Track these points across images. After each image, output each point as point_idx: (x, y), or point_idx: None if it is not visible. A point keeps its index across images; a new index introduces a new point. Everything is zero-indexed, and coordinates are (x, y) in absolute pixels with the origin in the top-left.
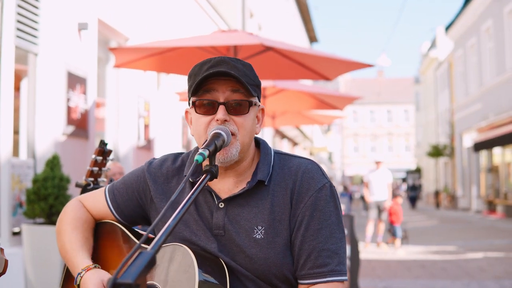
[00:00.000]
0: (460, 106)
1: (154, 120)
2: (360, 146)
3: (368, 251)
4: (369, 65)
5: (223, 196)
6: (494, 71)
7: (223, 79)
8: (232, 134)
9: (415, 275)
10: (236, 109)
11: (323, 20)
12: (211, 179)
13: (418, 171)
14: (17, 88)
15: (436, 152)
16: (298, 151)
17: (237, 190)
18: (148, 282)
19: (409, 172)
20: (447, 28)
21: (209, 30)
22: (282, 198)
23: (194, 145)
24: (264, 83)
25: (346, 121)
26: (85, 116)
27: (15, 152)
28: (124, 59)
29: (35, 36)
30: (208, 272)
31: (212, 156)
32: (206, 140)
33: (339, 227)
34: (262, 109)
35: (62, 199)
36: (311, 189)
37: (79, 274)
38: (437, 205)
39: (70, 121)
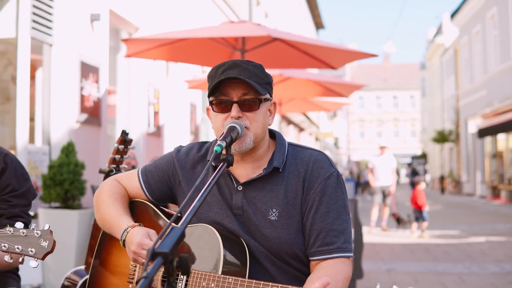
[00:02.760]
0: (465, 93)
1: (164, 107)
2: (366, 131)
3: (372, 235)
4: (374, 55)
5: (242, 180)
6: (498, 59)
7: (236, 82)
8: (246, 128)
9: (418, 258)
10: (247, 106)
11: (329, 7)
12: (227, 167)
13: (423, 156)
14: (32, 78)
15: (441, 137)
16: (304, 137)
17: (254, 175)
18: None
19: (414, 158)
20: (453, 15)
21: (216, 18)
22: (295, 184)
23: (202, 131)
24: (271, 72)
25: (352, 106)
26: (97, 104)
27: (31, 139)
28: (136, 49)
29: (49, 28)
30: (231, 250)
31: (228, 146)
32: (223, 133)
33: (345, 210)
34: (274, 103)
35: (77, 184)
36: (321, 177)
37: (125, 230)
38: (442, 190)
39: (83, 109)
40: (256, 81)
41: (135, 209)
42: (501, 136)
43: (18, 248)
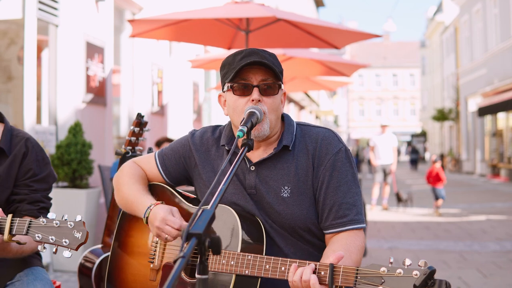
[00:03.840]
0: (465, 71)
1: (167, 87)
2: (366, 109)
3: (374, 213)
4: (377, 36)
5: (254, 160)
6: (499, 37)
7: (256, 68)
8: (263, 113)
9: (419, 236)
10: (267, 91)
11: None
12: (248, 151)
13: (423, 134)
14: (38, 58)
15: (441, 116)
16: (304, 115)
17: (265, 155)
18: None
19: (414, 136)
20: None
21: None
22: (305, 162)
23: (204, 110)
24: (275, 51)
25: (351, 85)
26: (103, 84)
27: (38, 119)
28: (140, 29)
29: (55, 8)
30: (248, 229)
31: (249, 131)
32: (244, 118)
33: (355, 184)
34: (284, 93)
35: (84, 164)
36: (329, 153)
37: (148, 207)
38: (442, 168)
39: (89, 89)
40: (273, 68)
41: (154, 192)
42: (501, 115)
43: (52, 239)
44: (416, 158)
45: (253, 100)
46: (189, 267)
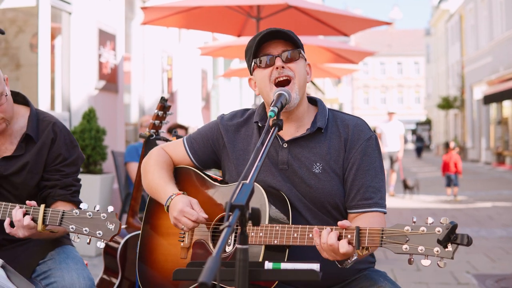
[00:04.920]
0: (470, 59)
1: (177, 74)
2: (371, 97)
3: None
4: (387, 23)
5: (286, 138)
6: (504, 25)
7: (275, 42)
8: (290, 80)
9: None
10: (289, 58)
11: None
12: (278, 130)
13: (428, 122)
14: (52, 46)
15: (446, 104)
16: None
17: (298, 134)
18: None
19: (419, 124)
20: None
21: None
22: (337, 144)
23: (213, 97)
24: None
25: (356, 73)
26: (114, 71)
27: (52, 105)
28: (152, 17)
29: None
30: (275, 203)
31: (279, 112)
32: (273, 100)
33: (381, 170)
34: (309, 64)
35: (98, 149)
36: (361, 139)
37: (170, 197)
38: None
39: (101, 76)
40: (291, 39)
41: (180, 174)
42: (506, 103)
43: (85, 230)
44: (421, 146)
45: (277, 68)
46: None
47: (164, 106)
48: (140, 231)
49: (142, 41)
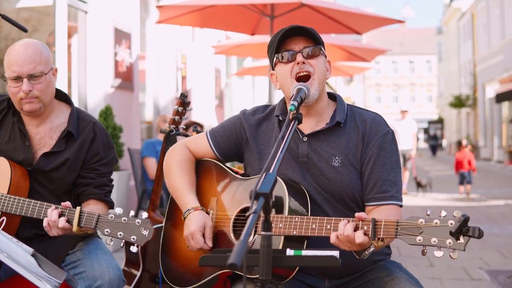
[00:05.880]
0: (482, 57)
1: (190, 72)
2: (383, 96)
3: None
4: (399, 21)
5: (306, 132)
6: None
7: (297, 38)
8: (310, 76)
9: None
10: (310, 54)
11: None
12: (298, 124)
13: (440, 121)
14: (68, 44)
15: (458, 102)
16: None
17: (317, 128)
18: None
19: (431, 122)
20: None
21: None
22: (355, 138)
23: (226, 95)
24: None
25: (368, 71)
26: (130, 69)
27: None
28: (167, 15)
29: None
30: (294, 196)
31: (298, 106)
32: (293, 94)
33: (397, 164)
34: (329, 61)
35: (115, 147)
36: (379, 134)
37: (188, 210)
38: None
39: (117, 74)
40: (312, 35)
41: (202, 167)
42: None
43: (120, 235)
44: (435, 145)
45: (298, 63)
46: (238, 230)
47: (184, 102)
48: (160, 225)
49: (157, 40)
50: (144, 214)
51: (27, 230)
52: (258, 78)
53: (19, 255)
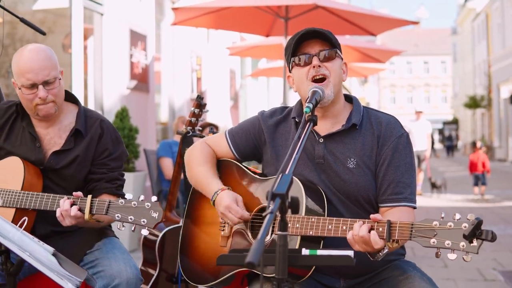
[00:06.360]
0: (497, 58)
1: (205, 73)
2: (397, 97)
3: None
4: (414, 22)
5: (322, 134)
6: None
7: (313, 41)
8: (326, 78)
9: None
10: (325, 57)
11: None
12: (313, 126)
13: (455, 122)
14: (84, 46)
15: (473, 103)
16: None
17: (334, 129)
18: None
19: (446, 123)
20: None
21: None
22: (370, 140)
23: (241, 96)
24: None
25: (383, 72)
26: (145, 71)
27: (85, 105)
28: (182, 18)
29: None
30: (311, 196)
31: (313, 108)
32: (308, 97)
33: (412, 167)
34: (345, 63)
35: (131, 148)
36: (393, 136)
37: (215, 192)
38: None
39: (133, 75)
40: (329, 39)
41: (222, 167)
42: None
43: (130, 219)
44: (451, 145)
45: (314, 67)
46: (256, 230)
47: (200, 104)
48: (177, 225)
49: (172, 42)
50: (153, 198)
51: (43, 227)
52: (272, 79)
53: (41, 254)
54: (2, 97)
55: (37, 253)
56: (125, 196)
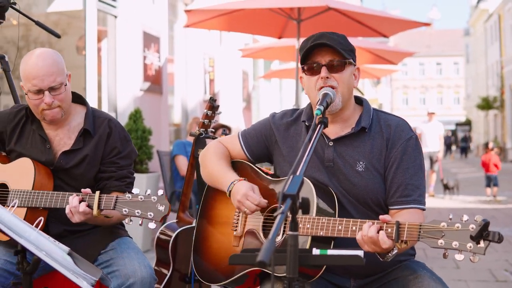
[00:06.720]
0: (509, 59)
1: (218, 75)
2: (410, 98)
3: None
4: (426, 24)
5: (332, 137)
6: None
7: (324, 49)
8: (334, 88)
9: None
10: (334, 68)
11: None
12: (324, 127)
13: (467, 123)
14: (98, 48)
15: (486, 104)
16: None
17: (343, 133)
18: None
19: (458, 124)
20: None
21: None
22: (379, 143)
23: (253, 98)
24: None
25: (395, 73)
26: (159, 72)
27: (99, 107)
28: (195, 20)
29: (114, 0)
30: (322, 197)
31: (324, 110)
32: (319, 99)
33: (421, 169)
34: (358, 68)
35: (145, 149)
36: (402, 139)
37: (232, 182)
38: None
39: (146, 77)
40: (340, 47)
41: (236, 168)
42: None
43: (137, 213)
44: (466, 146)
45: (322, 78)
46: (267, 230)
47: (213, 106)
48: (190, 225)
49: (185, 44)
50: (160, 192)
51: (56, 226)
52: (285, 80)
53: (56, 254)
54: (18, 99)
55: (53, 252)
56: (132, 191)
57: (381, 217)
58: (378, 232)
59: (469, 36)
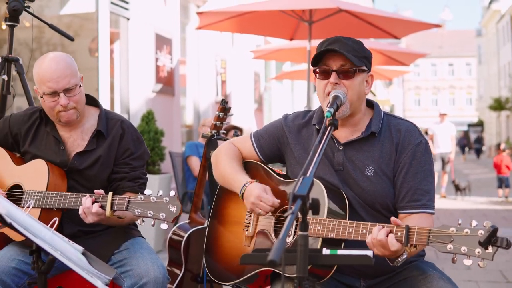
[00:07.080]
0: None
1: (230, 77)
2: (422, 99)
3: None
4: (438, 25)
5: (342, 141)
6: None
7: (337, 54)
8: (345, 95)
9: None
10: (344, 75)
11: None
12: (334, 130)
13: (480, 124)
14: (111, 50)
15: (498, 105)
16: None
17: (353, 137)
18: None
19: (471, 125)
20: None
21: None
22: (389, 147)
23: (265, 99)
24: None
25: (408, 74)
26: (171, 74)
27: (111, 108)
28: (207, 22)
29: (126, 2)
30: (333, 199)
31: (334, 113)
32: (329, 101)
33: (430, 173)
34: (371, 75)
35: (157, 150)
36: (412, 143)
37: (244, 184)
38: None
39: (158, 79)
40: (353, 54)
41: (249, 169)
42: None
43: (150, 213)
44: (479, 148)
45: (331, 83)
46: (279, 230)
47: (225, 108)
48: (202, 226)
49: (197, 45)
50: (172, 193)
51: (70, 227)
52: (297, 82)
53: (71, 253)
54: (32, 101)
55: (68, 252)
56: (145, 192)
57: (392, 219)
58: (387, 236)
59: (481, 37)
